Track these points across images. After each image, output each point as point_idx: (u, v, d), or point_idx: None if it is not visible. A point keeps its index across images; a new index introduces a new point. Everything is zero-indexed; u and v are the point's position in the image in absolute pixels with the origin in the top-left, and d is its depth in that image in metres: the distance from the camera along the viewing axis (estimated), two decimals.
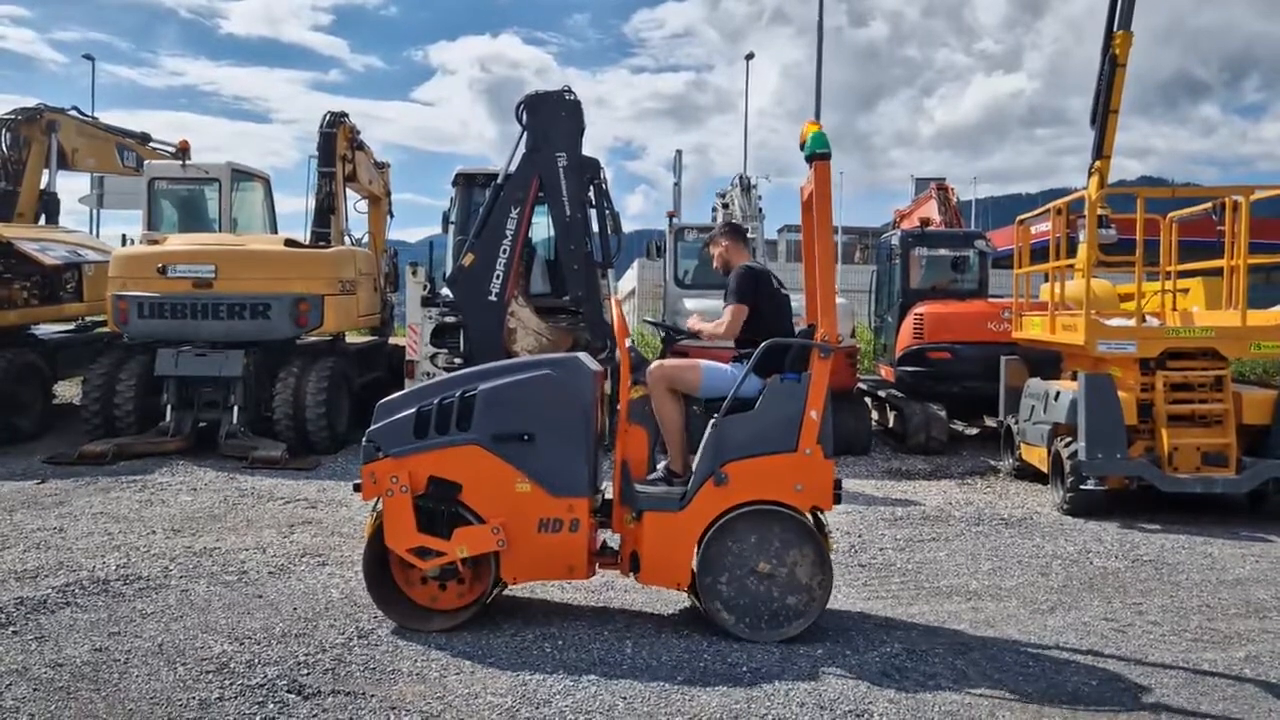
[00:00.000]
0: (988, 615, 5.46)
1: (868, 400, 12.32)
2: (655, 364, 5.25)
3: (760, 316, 5.27)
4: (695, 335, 5.71)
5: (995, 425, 11.19)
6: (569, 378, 4.97)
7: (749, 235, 13.05)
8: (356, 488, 4.99)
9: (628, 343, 5.24)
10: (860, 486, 9.32)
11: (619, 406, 5.19)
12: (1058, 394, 8.66)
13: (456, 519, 4.90)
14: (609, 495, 5.18)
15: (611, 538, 5.26)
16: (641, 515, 4.97)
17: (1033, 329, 9.65)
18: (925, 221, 13.25)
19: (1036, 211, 10.83)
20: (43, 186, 12.95)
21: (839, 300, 12.52)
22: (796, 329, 5.49)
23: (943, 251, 12.88)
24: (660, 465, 5.35)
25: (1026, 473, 9.55)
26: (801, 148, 5.03)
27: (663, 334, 5.77)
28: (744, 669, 4.47)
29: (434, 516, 4.91)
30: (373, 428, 5.02)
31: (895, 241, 12.95)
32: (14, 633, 4.74)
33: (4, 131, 12.40)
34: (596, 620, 5.14)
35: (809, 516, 4.96)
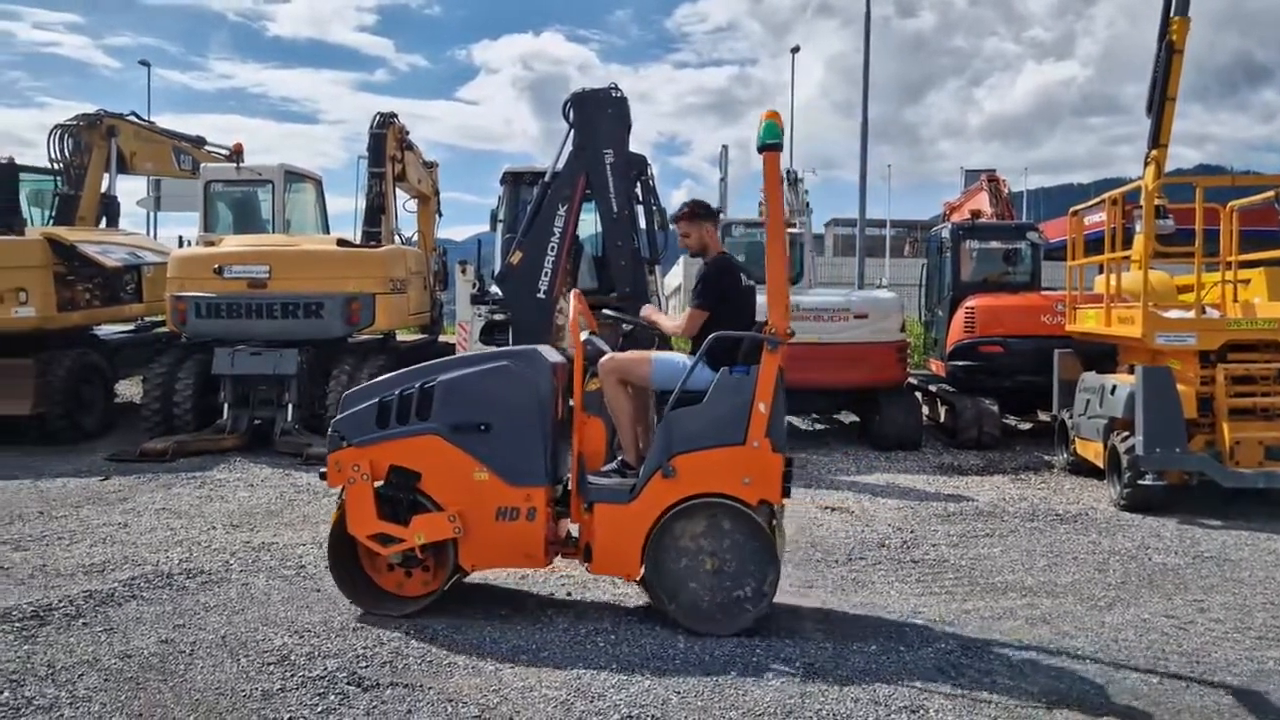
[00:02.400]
0: (1044, 612, 5.40)
1: (918, 395, 12.21)
2: (606, 356, 5.24)
3: (719, 318, 5.21)
4: (657, 326, 5.63)
5: (1049, 420, 11.03)
6: (526, 369, 5.04)
7: (798, 228, 13.02)
8: (322, 475, 5.13)
9: (584, 335, 5.24)
10: (911, 482, 9.24)
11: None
12: (1114, 388, 8.51)
13: (417, 507, 5.00)
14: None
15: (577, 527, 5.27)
16: (593, 506, 5.01)
17: (1087, 322, 9.50)
18: (976, 214, 13.10)
19: (1091, 202, 10.65)
20: (103, 190, 13.23)
21: (887, 294, 12.50)
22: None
23: (994, 244, 12.73)
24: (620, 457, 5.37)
25: (1081, 468, 9.41)
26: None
27: (625, 326, 5.74)
28: (797, 664, 4.46)
29: (396, 504, 5.03)
30: (337, 417, 5.17)
31: (946, 234, 12.82)
32: (84, 624, 4.88)
33: (66, 137, 12.69)
34: (648, 616, 5.15)
35: (758, 509, 4.89)
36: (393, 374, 5.31)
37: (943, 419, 12.02)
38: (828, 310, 10.78)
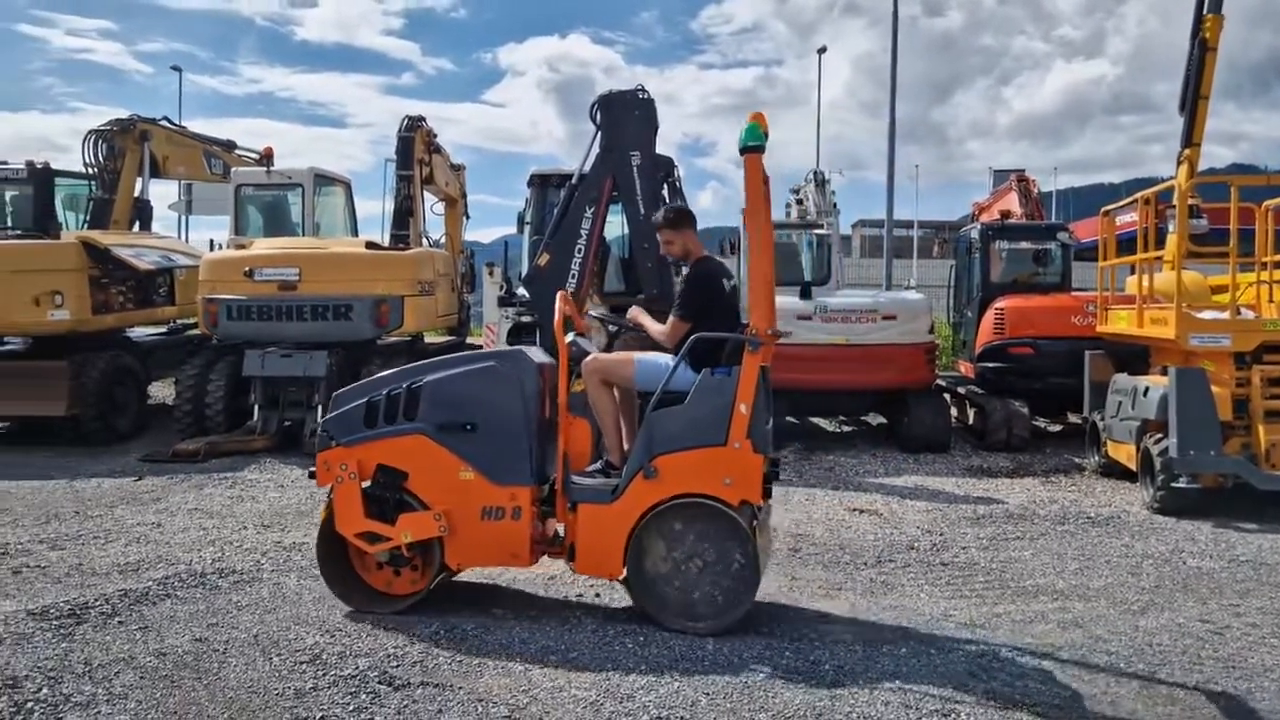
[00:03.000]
0: (1076, 615, 5.35)
1: (946, 397, 12.13)
2: (590, 357, 5.24)
3: (709, 314, 5.17)
4: (638, 329, 5.60)
5: (1079, 422, 10.93)
6: (511, 370, 5.08)
7: (825, 229, 12.97)
8: (311, 475, 5.20)
9: (569, 337, 5.26)
10: (940, 484, 9.19)
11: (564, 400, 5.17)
12: (1146, 389, 8.42)
13: (404, 506, 5.05)
14: None
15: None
16: (576, 506, 5.02)
17: (1119, 323, 9.40)
18: (1005, 214, 13.01)
19: (1123, 202, 10.55)
20: (136, 194, 13.40)
21: (916, 295, 12.41)
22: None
23: (1024, 244, 12.63)
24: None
25: (1113, 470, 9.31)
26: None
27: (611, 327, 5.74)
28: (827, 667, 4.45)
29: (384, 503, 5.08)
30: (326, 417, 5.23)
31: (975, 235, 12.73)
32: (120, 623, 4.94)
33: (100, 142, 12.86)
34: None
35: (739, 510, 4.88)
36: (381, 374, 5.39)
37: (971, 421, 11.94)
38: (855, 311, 10.74)
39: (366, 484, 5.07)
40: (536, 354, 5.30)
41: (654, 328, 5.43)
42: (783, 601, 5.53)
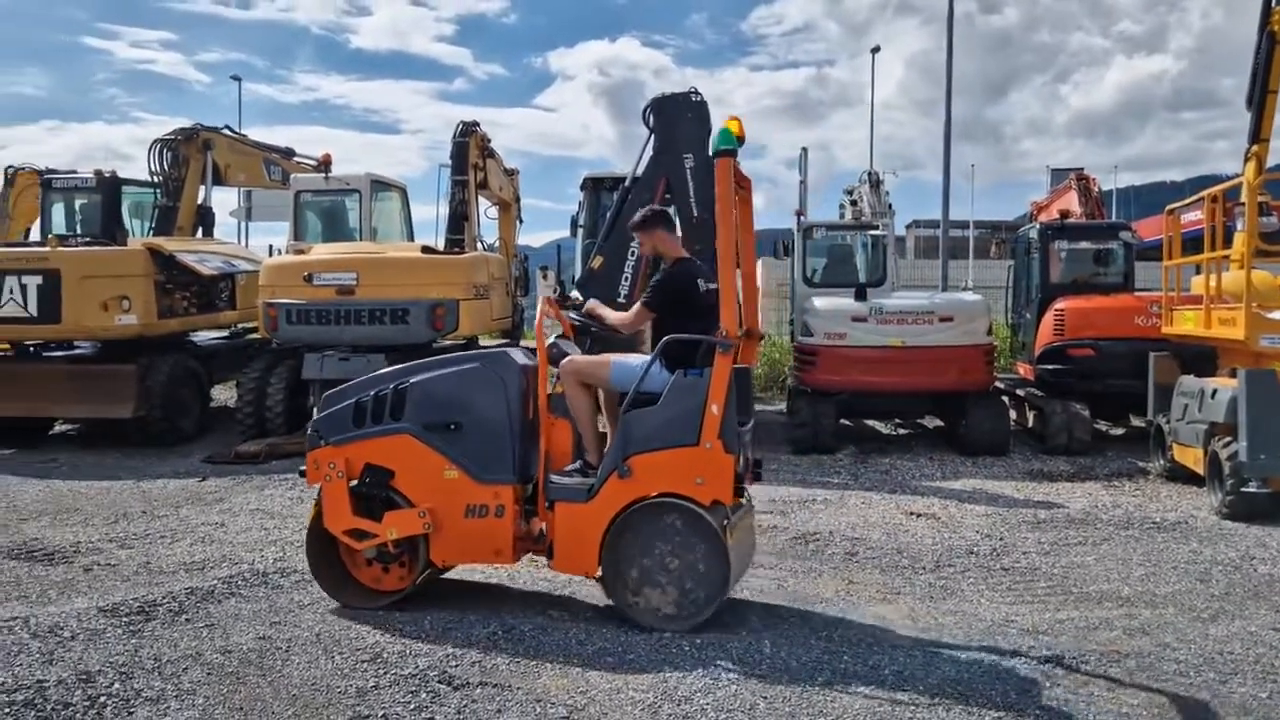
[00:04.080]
0: (1143, 622, 5.23)
1: (1005, 399, 11.94)
2: (567, 359, 5.27)
3: (675, 318, 5.18)
4: (600, 320, 5.61)
5: (1143, 425, 10.70)
6: (496, 371, 5.16)
7: (880, 230, 12.85)
8: (301, 473, 5.33)
9: (550, 339, 5.32)
10: (999, 488, 9.05)
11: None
12: (1214, 392, 8.21)
13: (390, 503, 5.16)
14: None
15: None
16: (554, 505, 5.07)
17: (1185, 324, 9.18)
18: (1065, 213, 12.78)
19: (1188, 200, 10.30)
20: (199, 201, 13.69)
21: (973, 296, 12.24)
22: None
23: (1084, 244, 12.41)
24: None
25: (1179, 474, 9.10)
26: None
27: (592, 329, 5.76)
28: (886, 671, 4.40)
29: (371, 501, 5.19)
30: (316, 417, 5.35)
31: (1033, 235, 12.53)
32: (186, 620, 5.06)
33: (165, 151, 13.14)
34: (733, 619, 5.13)
35: (710, 509, 4.88)
36: (370, 375, 5.50)
37: (1031, 424, 11.74)
38: (912, 313, 10.62)
39: (354, 482, 5.21)
40: (520, 355, 5.38)
41: (611, 316, 5.50)
42: (840, 605, 5.48)
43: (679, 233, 5.77)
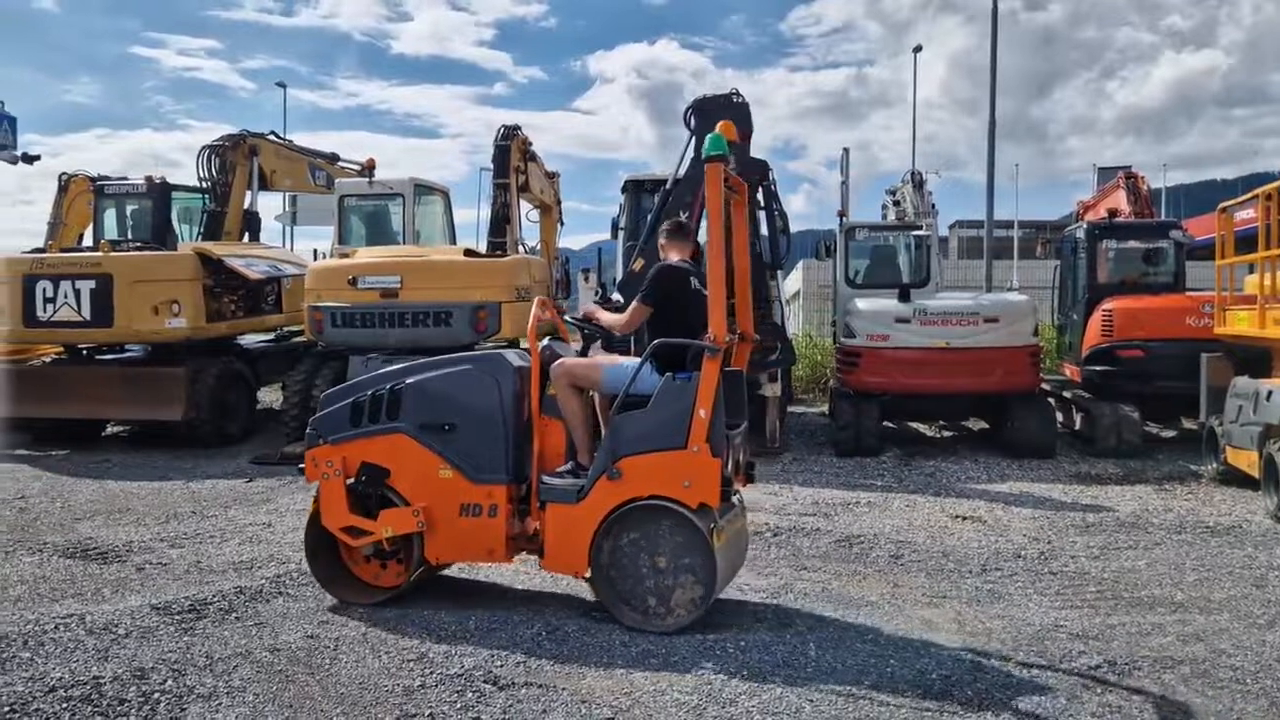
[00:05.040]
0: (1196, 628, 5.12)
1: (1051, 401, 11.77)
2: (558, 361, 5.28)
3: (666, 317, 5.20)
4: (599, 325, 5.63)
5: (1194, 427, 10.49)
6: (490, 372, 5.23)
7: (924, 230, 12.73)
8: (300, 471, 5.41)
9: (543, 341, 5.35)
10: (1046, 491, 8.92)
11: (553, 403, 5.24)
12: (1270, 393, 8.03)
13: (386, 502, 5.24)
14: None
15: None
16: (545, 505, 5.10)
17: (1239, 324, 9.00)
18: (1113, 212, 12.57)
19: (1241, 198, 10.09)
20: (246, 206, 13.90)
21: (1019, 296, 12.09)
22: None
23: (1133, 243, 12.20)
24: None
25: (1233, 478, 8.91)
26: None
27: (585, 330, 5.77)
28: (933, 676, 4.35)
29: (368, 499, 5.28)
30: (315, 416, 5.45)
31: (1080, 234, 12.34)
32: (236, 619, 5.13)
33: (213, 157, 13.36)
34: (777, 622, 5.12)
35: (697, 512, 4.89)
36: (367, 375, 5.59)
37: (1078, 426, 11.55)
38: (956, 314, 10.51)
39: (351, 480, 5.29)
40: (514, 357, 5.41)
41: (608, 319, 5.53)
42: (886, 609, 5.43)
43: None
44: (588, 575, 5.12)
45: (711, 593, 4.92)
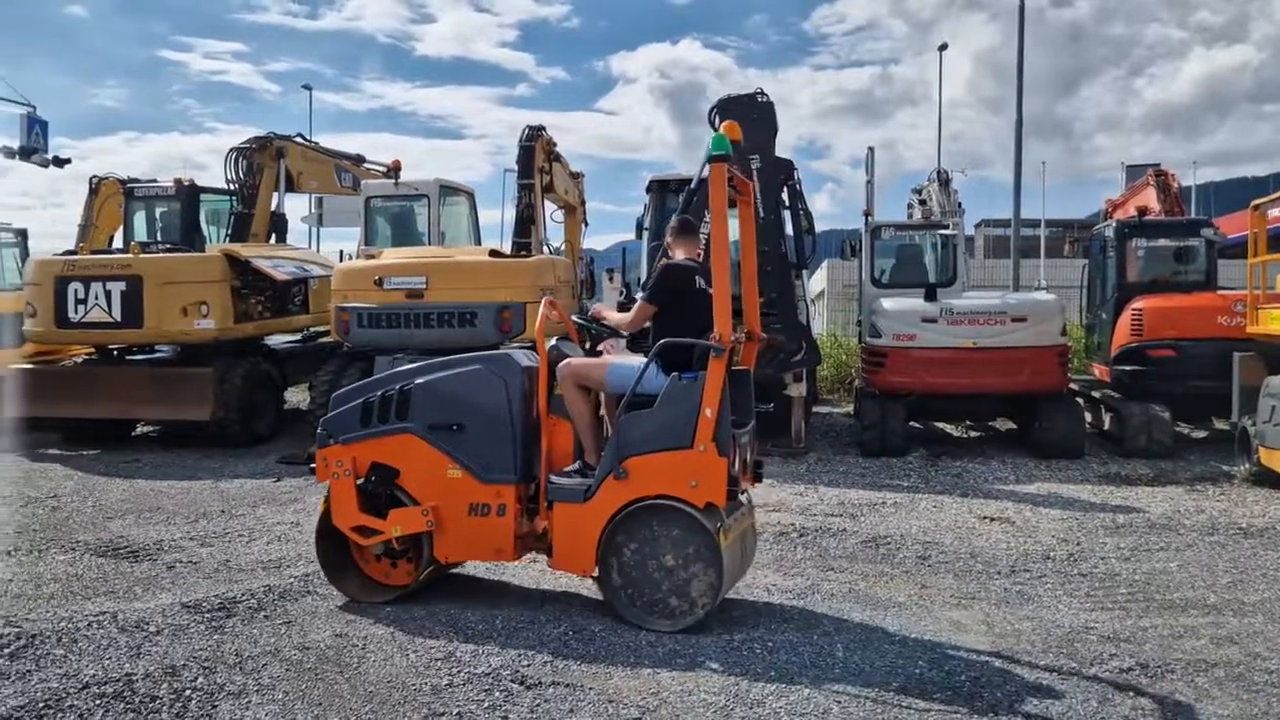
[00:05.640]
0: (1230, 631, 5.06)
1: (1080, 401, 11.66)
2: (564, 361, 5.28)
3: (672, 316, 5.20)
4: (606, 325, 5.63)
5: (1227, 428, 10.36)
6: (498, 372, 5.24)
7: (950, 229, 12.65)
8: (311, 470, 5.46)
9: (550, 341, 5.35)
10: (1075, 492, 8.83)
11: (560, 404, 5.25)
12: None
13: (395, 501, 5.26)
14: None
15: None
16: (553, 505, 5.11)
17: (1272, 323, 8.88)
18: (1143, 210, 12.41)
19: (1274, 195, 9.96)
20: (273, 208, 14.00)
21: (1047, 295, 11.98)
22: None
23: (1163, 242, 12.06)
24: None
25: (1266, 478, 8.80)
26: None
27: (592, 330, 5.77)
28: (963, 678, 4.32)
29: (378, 499, 5.30)
30: (326, 416, 5.50)
31: (1110, 232, 12.21)
32: (265, 617, 5.17)
33: (240, 159, 13.48)
34: (804, 623, 5.10)
35: (704, 511, 4.88)
36: (377, 376, 5.60)
37: (1107, 426, 11.44)
38: (983, 314, 10.44)
39: (361, 480, 5.31)
40: (522, 357, 5.42)
41: (613, 317, 5.54)
42: (914, 610, 5.40)
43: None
44: (595, 574, 5.13)
45: (719, 592, 4.92)
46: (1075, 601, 5.62)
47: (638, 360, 5.28)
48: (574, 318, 5.92)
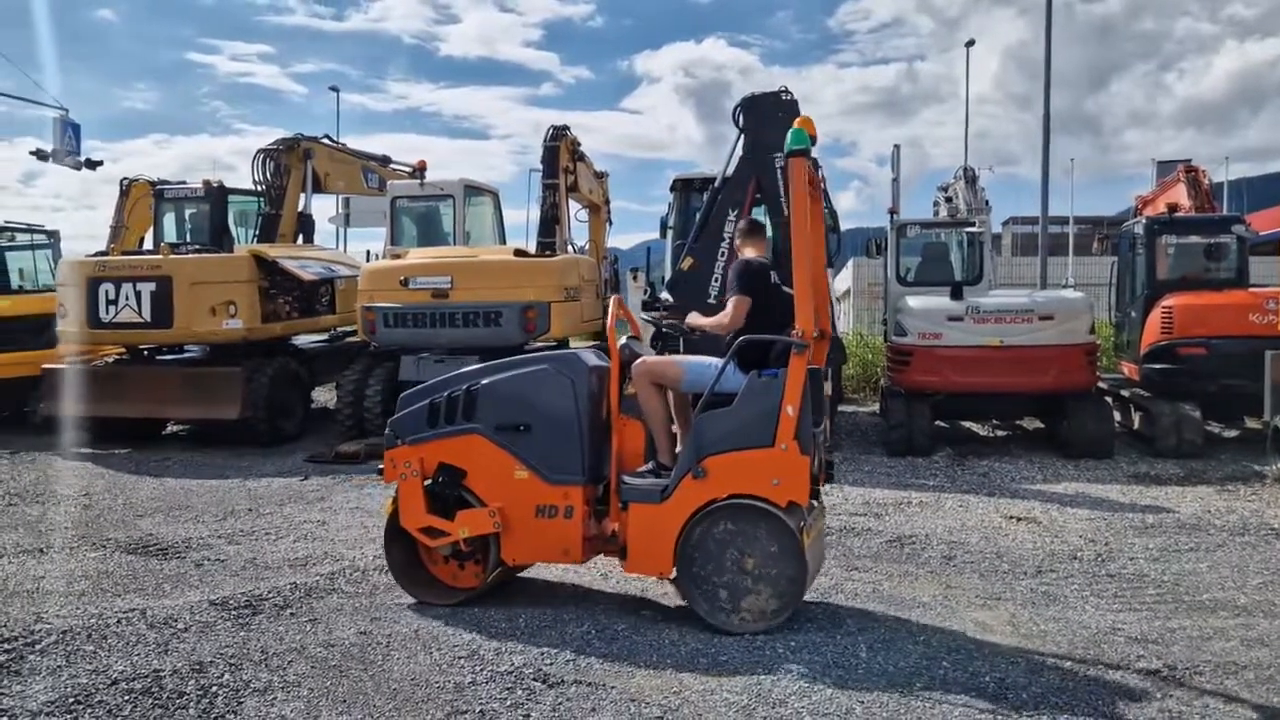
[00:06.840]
0: (1261, 633, 5.00)
1: (1109, 400, 11.54)
2: (639, 360, 5.24)
3: (751, 315, 5.13)
4: (693, 331, 5.57)
5: (1259, 427, 10.22)
6: (565, 372, 5.19)
7: (977, 227, 12.57)
8: (379, 471, 5.46)
9: (621, 339, 5.30)
10: (1104, 492, 8.75)
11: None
12: None
13: (463, 502, 5.24)
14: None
15: None
16: (627, 506, 5.05)
17: None
18: (1173, 207, 12.26)
19: None
20: (300, 209, 14.11)
21: (1075, 293, 11.88)
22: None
23: (1194, 239, 11.91)
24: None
25: None
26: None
27: (661, 328, 5.73)
28: (987, 679, 4.29)
29: (445, 500, 5.29)
30: (393, 417, 5.47)
31: (1139, 229, 12.08)
32: (291, 614, 5.22)
33: (268, 161, 13.59)
34: (828, 622, 5.08)
35: (786, 511, 4.83)
36: (444, 377, 5.57)
37: (1136, 425, 11.32)
38: (1011, 312, 10.35)
39: (429, 481, 5.31)
40: (590, 357, 5.40)
41: (709, 321, 5.44)
42: (938, 610, 5.37)
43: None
44: (672, 576, 5.09)
45: (801, 592, 4.92)
46: (1103, 602, 5.57)
47: (711, 360, 5.25)
48: (644, 316, 5.83)
